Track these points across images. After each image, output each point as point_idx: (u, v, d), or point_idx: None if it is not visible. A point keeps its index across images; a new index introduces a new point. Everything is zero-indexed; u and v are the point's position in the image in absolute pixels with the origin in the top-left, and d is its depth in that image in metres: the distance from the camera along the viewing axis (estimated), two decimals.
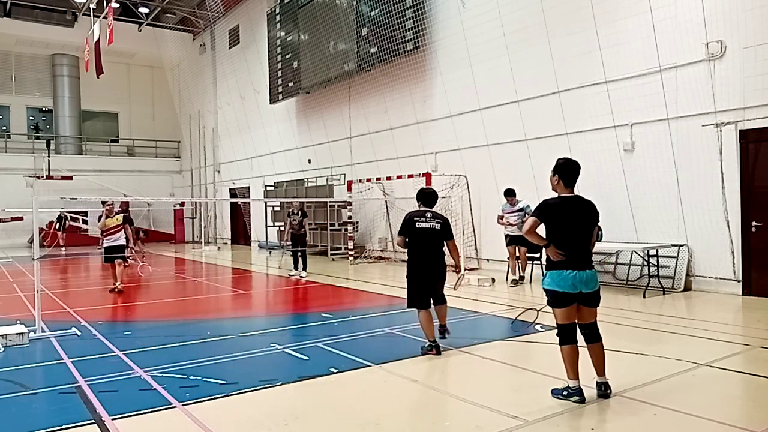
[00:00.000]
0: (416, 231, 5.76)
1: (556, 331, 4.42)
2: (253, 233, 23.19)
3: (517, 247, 10.62)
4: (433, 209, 6.00)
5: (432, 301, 5.93)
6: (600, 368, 4.37)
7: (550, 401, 4.37)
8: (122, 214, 10.72)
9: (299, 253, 12.72)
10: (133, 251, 15.47)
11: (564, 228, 4.31)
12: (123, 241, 10.57)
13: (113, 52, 22.92)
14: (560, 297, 4.31)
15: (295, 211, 12.68)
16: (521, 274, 10.68)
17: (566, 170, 4.37)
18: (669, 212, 9.69)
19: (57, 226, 22.93)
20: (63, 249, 22.66)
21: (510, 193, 10.83)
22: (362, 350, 5.97)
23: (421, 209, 5.93)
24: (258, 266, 15.88)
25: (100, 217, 15.49)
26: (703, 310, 8.02)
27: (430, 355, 5.72)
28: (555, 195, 4.47)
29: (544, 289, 4.42)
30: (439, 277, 5.90)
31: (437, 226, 5.80)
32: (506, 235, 10.78)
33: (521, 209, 10.58)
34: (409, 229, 5.78)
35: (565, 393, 4.32)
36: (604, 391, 4.32)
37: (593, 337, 4.39)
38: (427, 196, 5.98)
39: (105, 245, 10.47)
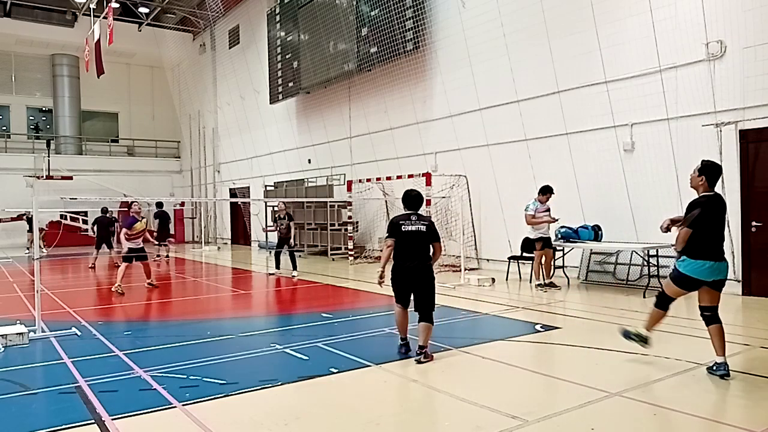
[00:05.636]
0: (402, 234, 5.65)
1: (656, 296, 5.20)
2: (253, 233, 23.19)
3: (545, 250, 10.04)
4: (419, 212, 5.88)
5: (419, 316, 5.67)
6: (721, 348, 4.77)
7: (550, 401, 4.37)
8: (145, 219, 10.87)
9: (289, 254, 12.76)
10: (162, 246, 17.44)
11: (711, 222, 4.82)
12: (141, 244, 10.88)
13: (113, 52, 22.93)
14: (689, 282, 4.85)
15: (282, 215, 12.79)
16: (548, 279, 10.04)
17: (712, 172, 4.90)
18: (669, 212, 9.56)
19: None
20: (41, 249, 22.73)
21: (549, 190, 10.14)
22: (362, 350, 5.97)
23: (406, 212, 5.82)
24: (258, 266, 15.87)
25: (109, 220, 15.67)
26: None
27: (400, 353, 5.71)
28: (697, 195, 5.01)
29: (677, 269, 4.90)
30: (423, 279, 5.65)
31: (423, 228, 5.70)
32: (540, 238, 9.97)
33: (549, 209, 10.12)
34: (396, 233, 5.67)
35: (635, 337, 5.30)
36: (726, 371, 4.68)
37: (714, 318, 4.84)
38: (412, 200, 5.88)
39: (130, 246, 10.61)
